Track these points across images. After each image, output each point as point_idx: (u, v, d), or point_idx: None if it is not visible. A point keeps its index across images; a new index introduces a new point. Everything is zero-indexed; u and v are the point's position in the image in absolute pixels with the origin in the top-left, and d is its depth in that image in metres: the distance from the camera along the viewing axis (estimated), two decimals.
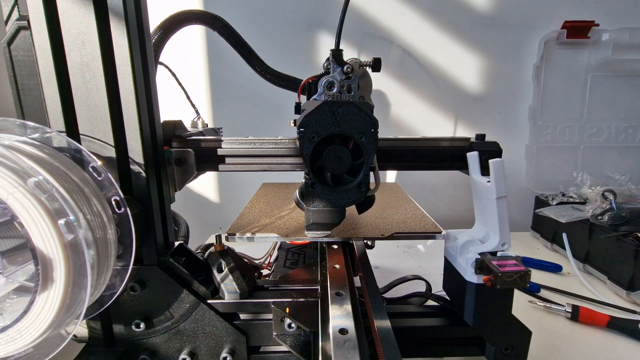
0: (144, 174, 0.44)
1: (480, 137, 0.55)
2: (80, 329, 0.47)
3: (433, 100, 1.15)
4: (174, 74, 0.67)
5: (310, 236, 0.53)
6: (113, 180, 0.39)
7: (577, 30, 1.04)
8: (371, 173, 0.50)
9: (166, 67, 0.65)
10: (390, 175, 1.21)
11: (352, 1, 1.06)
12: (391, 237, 0.56)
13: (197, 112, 0.71)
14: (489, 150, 0.53)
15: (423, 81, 1.14)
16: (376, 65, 0.54)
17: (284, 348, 0.48)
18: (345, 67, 0.50)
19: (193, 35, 1.09)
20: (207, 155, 0.53)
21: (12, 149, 0.34)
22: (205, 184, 1.20)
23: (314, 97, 0.53)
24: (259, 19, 1.08)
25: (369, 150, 0.46)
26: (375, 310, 0.43)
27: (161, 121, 0.50)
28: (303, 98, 0.57)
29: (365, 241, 0.62)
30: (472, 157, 0.54)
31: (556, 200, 1.00)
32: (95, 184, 0.39)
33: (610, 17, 1.05)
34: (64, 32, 0.40)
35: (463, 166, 0.56)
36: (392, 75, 1.13)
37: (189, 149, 0.52)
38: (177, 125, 0.56)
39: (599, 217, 0.81)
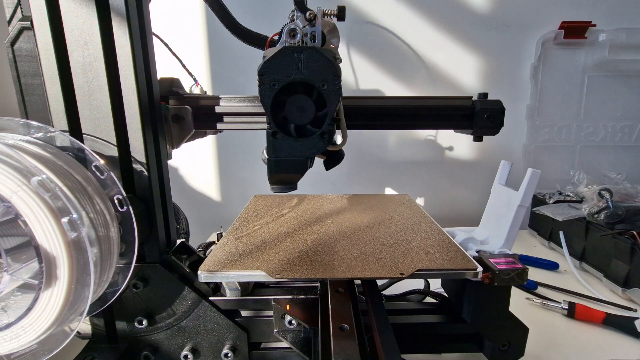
0: (146, 173, 0.45)
1: (483, 95, 0.55)
2: (84, 325, 0.48)
3: None
4: (166, 44, 0.63)
5: (275, 192, 0.50)
6: (115, 178, 0.39)
7: (575, 31, 1.05)
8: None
9: (157, 36, 0.60)
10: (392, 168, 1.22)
11: (351, 1, 1.07)
12: (412, 276, 0.45)
13: (194, 79, 0.67)
14: (491, 108, 0.52)
15: (421, 81, 1.14)
16: (341, 13, 0.52)
17: (285, 344, 0.48)
18: (307, 14, 0.47)
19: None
20: (204, 113, 0.53)
21: (15, 148, 0.34)
22: (206, 183, 1.20)
23: (277, 45, 0.50)
24: None
25: (331, 99, 0.44)
26: (374, 307, 0.43)
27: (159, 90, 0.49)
28: None
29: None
30: (504, 165, 0.54)
31: (553, 198, 1.00)
32: (98, 183, 0.39)
33: (607, 18, 1.05)
34: (66, 32, 0.40)
35: (465, 125, 0.55)
36: (390, 75, 1.13)
37: (186, 106, 0.52)
38: (174, 82, 0.55)
39: (596, 216, 0.82)
